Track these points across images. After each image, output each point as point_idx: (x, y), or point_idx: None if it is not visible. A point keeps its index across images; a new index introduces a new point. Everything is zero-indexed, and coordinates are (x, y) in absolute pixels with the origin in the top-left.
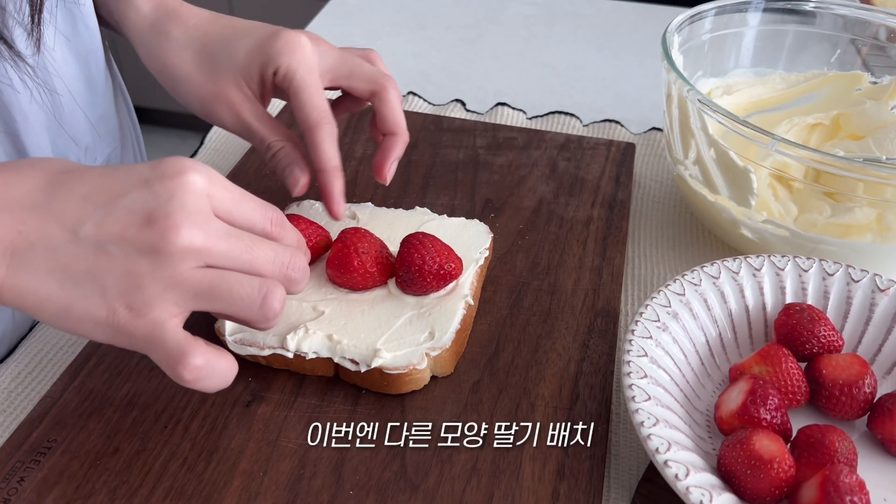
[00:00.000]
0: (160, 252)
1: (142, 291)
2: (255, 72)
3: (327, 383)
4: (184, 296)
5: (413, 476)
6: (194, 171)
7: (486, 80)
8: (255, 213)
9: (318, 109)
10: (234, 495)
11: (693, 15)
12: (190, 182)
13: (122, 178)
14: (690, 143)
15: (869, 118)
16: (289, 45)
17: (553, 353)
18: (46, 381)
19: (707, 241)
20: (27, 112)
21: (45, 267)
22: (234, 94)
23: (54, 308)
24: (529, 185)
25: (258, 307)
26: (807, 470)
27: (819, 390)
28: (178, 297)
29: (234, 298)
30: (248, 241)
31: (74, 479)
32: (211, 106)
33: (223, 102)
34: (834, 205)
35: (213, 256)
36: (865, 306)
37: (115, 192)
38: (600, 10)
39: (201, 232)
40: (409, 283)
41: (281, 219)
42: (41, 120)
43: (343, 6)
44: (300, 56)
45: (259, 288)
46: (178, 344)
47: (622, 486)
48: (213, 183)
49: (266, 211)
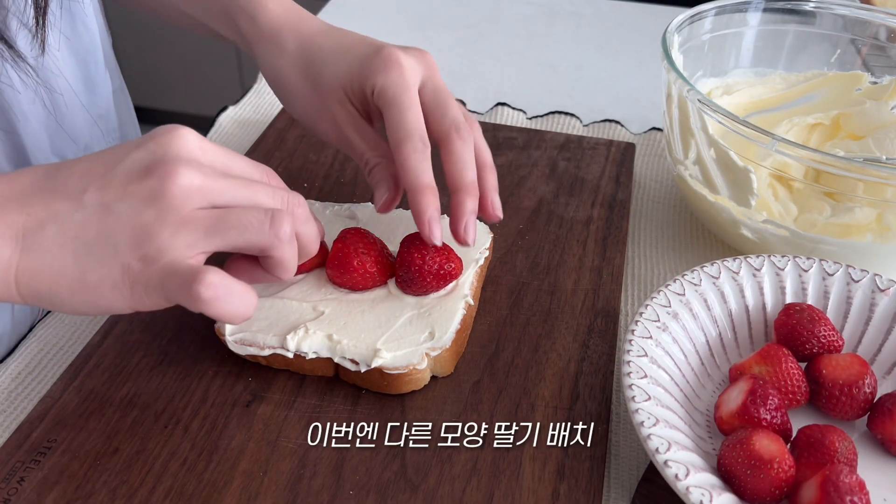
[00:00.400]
0: (163, 197)
1: (152, 240)
2: (356, 90)
3: (327, 383)
4: (194, 235)
5: (413, 476)
6: (185, 129)
7: (486, 80)
8: (249, 167)
9: (405, 127)
10: (234, 495)
11: (693, 15)
12: (182, 135)
13: (117, 149)
14: (690, 143)
15: (869, 118)
16: (386, 64)
17: (553, 353)
18: (46, 381)
19: (707, 241)
20: (27, 111)
21: (57, 242)
22: (337, 111)
23: (70, 281)
24: (529, 185)
25: (268, 228)
26: (807, 470)
27: (819, 390)
28: (189, 238)
29: (244, 225)
30: (246, 180)
31: (74, 479)
32: (315, 120)
33: (327, 117)
34: (834, 205)
35: (214, 194)
36: (865, 306)
37: (112, 160)
38: (600, 10)
39: (199, 172)
40: (408, 283)
41: (275, 175)
42: (40, 119)
43: (343, 6)
44: (395, 75)
45: (265, 212)
46: (191, 267)
47: (622, 486)
48: (204, 139)
49: (259, 166)
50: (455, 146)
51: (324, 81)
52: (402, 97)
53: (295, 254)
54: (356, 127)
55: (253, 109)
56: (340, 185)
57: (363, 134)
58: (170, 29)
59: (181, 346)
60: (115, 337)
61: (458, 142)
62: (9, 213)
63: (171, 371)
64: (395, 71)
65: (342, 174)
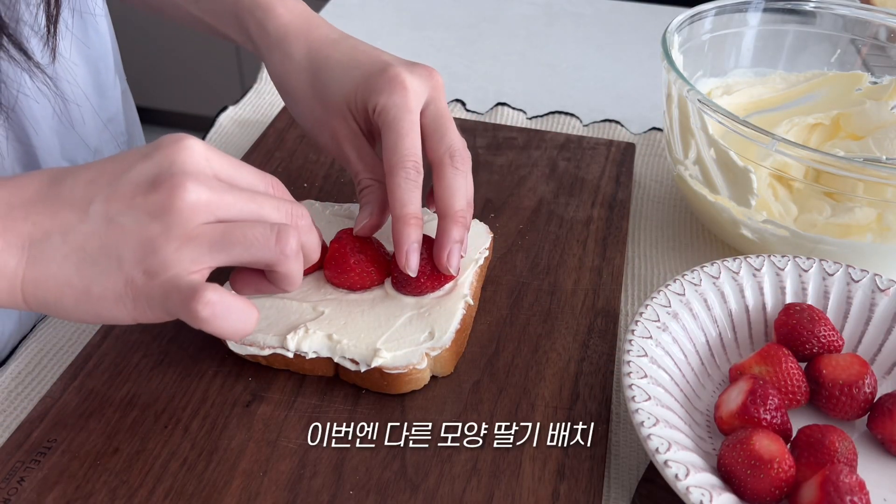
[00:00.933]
0: (169, 212)
1: (157, 254)
2: (360, 107)
3: (327, 383)
4: (199, 251)
5: (413, 476)
6: (191, 139)
7: (486, 80)
8: (254, 177)
9: (400, 153)
10: (234, 495)
11: (693, 15)
12: (188, 146)
13: (123, 158)
14: (690, 143)
15: (869, 118)
16: (390, 84)
17: (553, 353)
18: (46, 381)
19: (707, 241)
20: (38, 117)
21: (62, 252)
22: (338, 125)
23: (75, 292)
24: (529, 185)
25: (274, 244)
26: (807, 470)
27: (819, 390)
28: (194, 253)
29: (249, 240)
30: (252, 193)
31: (74, 479)
32: (317, 131)
33: (328, 130)
34: (834, 205)
35: (220, 209)
36: (865, 306)
37: (118, 170)
38: (600, 10)
39: (206, 187)
40: (403, 284)
41: (280, 184)
42: (52, 125)
43: (343, 6)
44: (398, 97)
45: (271, 227)
46: (191, 284)
47: (622, 486)
48: (210, 150)
49: (265, 177)
50: (447, 172)
51: (329, 94)
52: (401, 121)
53: (301, 268)
54: (355, 145)
55: (253, 109)
56: (340, 185)
57: (361, 153)
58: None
59: (181, 346)
60: (115, 337)
61: (450, 169)
62: (14, 222)
63: (171, 371)
64: (398, 93)
65: (342, 174)
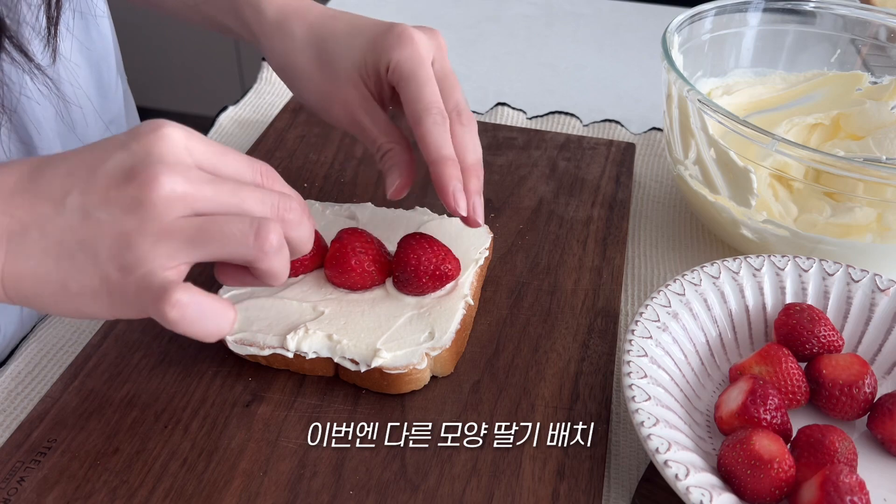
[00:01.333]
0: (143, 206)
1: (132, 249)
2: (371, 70)
3: (327, 383)
4: (175, 246)
5: (413, 476)
6: (170, 126)
7: (486, 80)
8: (241, 165)
9: (424, 101)
10: (234, 495)
11: (693, 15)
12: (166, 135)
13: (101, 148)
14: (690, 143)
15: (869, 118)
16: (400, 39)
17: (553, 353)
18: (46, 381)
19: (707, 241)
20: (41, 118)
21: (40, 247)
22: (349, 94)
23: (53, 287)
24: (529, 185)
25: (252, 241)
26: (807, 470)
27: (819, 390)
28: (170, 248)
29: (226, 237)
30: (234, 185)
31: (74, 479)
32: (327, 104)
33: (339, 101)
34: (834, 205)
35: (198, 202)
36: (865, 306)
37: (96, 161)
38: (600, 10)
39: (182, 178)
40: (404, 284)
41: (270, 171)
42: (54, 126)
43: (343, 6)
44: (410, 50)
45: (251, 222)
46: (163, 283)
47: (622, 486)
48: (191, 137)
49: (253, 164)
50: (456, 129)
51: (337, 64)
52: (418, 71)
53: (284, 263)
54: (368, 111)
55: (253, 109)
56: (340, 185)
57: (375, 119)
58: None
59: (181, 346)
60: (115, 337)
61: (458, 126)
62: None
63: (171, 371)
64: (409, 46)
65: (342, 174)
